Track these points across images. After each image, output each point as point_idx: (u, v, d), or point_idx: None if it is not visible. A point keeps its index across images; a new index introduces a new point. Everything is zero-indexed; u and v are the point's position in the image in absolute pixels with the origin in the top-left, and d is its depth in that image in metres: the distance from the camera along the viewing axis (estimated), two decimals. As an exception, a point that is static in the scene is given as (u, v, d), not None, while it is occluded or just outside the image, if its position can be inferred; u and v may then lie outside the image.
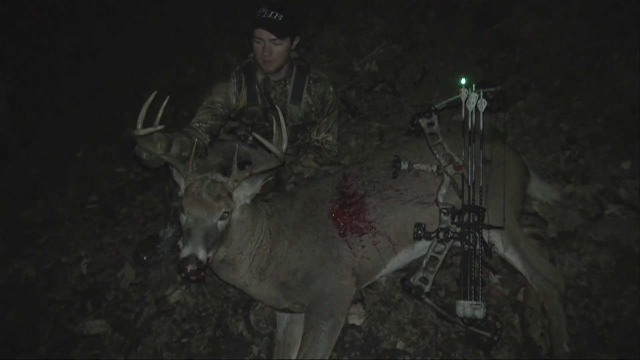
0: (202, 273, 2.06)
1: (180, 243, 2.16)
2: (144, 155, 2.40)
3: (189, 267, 1.98)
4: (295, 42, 2.91)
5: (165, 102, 2.30)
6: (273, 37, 2.72)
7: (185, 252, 2.02)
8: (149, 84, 5.78)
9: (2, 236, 4.03)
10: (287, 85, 3.02)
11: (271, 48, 2.75)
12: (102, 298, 3.17)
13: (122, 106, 5.57)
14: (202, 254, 2.03)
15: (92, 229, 3.86)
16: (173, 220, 3.17)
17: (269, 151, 2.26)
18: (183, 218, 2.18)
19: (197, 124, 2.81)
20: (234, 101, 2.99)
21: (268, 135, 3.00)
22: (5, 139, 5.45)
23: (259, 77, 2.99)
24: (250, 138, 3.22)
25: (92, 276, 3.38)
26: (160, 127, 2.26)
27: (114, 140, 5.14)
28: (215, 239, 2.14)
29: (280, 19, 2.69)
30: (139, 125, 2.23)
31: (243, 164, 3.10)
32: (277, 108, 2.38)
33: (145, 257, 3.22)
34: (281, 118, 2.30)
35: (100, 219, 3.97)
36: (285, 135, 2.29)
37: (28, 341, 3.02)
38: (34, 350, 2.95)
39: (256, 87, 3.00)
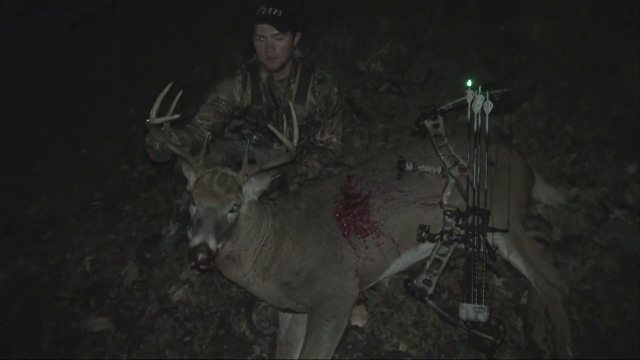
0: (212, 262, 2.07)
1: (189, 233, 2.16)
2: (156, 145, 2.38)
3: (200, 255, 2.00)
4: (296, 39, 2.91)
5: (178, 95, 2.29)
6: (275, 32, 2.73)
7: (196, 240, 2.04)
8: (153, 81, 5.79)
9: (7, 232, 4.06)
10: (292, 85, 3.02)
11: (273, 44, 2.76)
12: (105, 295, 3.18)
13: (127, 103, 5.59)
14: (212, 243, 2.05)
15: (96, 226, 3.88)
16: (176, 218, 3.17)
17: (280, 143, 2.26)
18: (193, 209, 2.18)
19: (200, 121, 2.82)
20: (238, 99, 3.00)
21: (271, 134, 3.00)
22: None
23: (263, 76, 2.99)
24: (255, 137, 3.22)
25: (96, 273, 3.39)
26: (176, 116, 2.24)
27: (118, 137, 5.15)
28: (225, 230, 2.15)
29: (279, 14, 2.71)
30: (153, 114, 2.22)
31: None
32: (291, 104, 2.38)
33: (148, 255, 3.23)
34: (293, 114, 2.31)
35: (104, 216, 3.99)
36: (296, 131, 2.28)
37: (31, 338, 3.04)
38: (37, 347, 2.97)
39: (260, 86, 3.00)
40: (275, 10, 2.71)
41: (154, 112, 2.22)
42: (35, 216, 4.22)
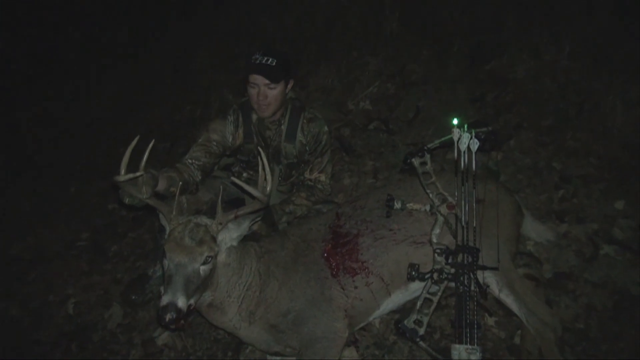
0: (182, 321, 2.01)
1: (162, 289, 2.10)
2: (126, 199, 2.40)
3: (168, 316, 1.94)
4: (289, 86, 2.95)
5: (150, 146, 2.26)
6: (267, 81, 2.75)
7: (165, 300, 1.98)
8: (145, 120, 5.83)
9: (-10, 273, 3.96)
10: (282, 125, 3.04)
11: (266, 92, 2.79)
12: (88, 339, 3.09)
13: (118, 141, 5.58)
14: (181, 302, 1.98)
15: (82, 266, 3.81)
16: (163, 258, 3.11)
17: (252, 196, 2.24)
18: (165, 263, 2.13)
19: (190, 161, 2.82)
20: (230, 139, 3.01)
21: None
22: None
23: (254, 116, 3.01)
24: (244, 175, 3.21)
25: (79, 316, 3.30)
26: (140, 174, 2.22)
27: (108, 175, 5.10)
28: (198, 284, 2.09)
29: (273, 64, 2.74)
30: (122, 171, 2.20)
31: (236, 202, 3.08)
32: (261, 151, 2.36)
33: (134, 297, 3.15)
34: (265, 160, 2.27)
35: (90, 256, 3.92)
36: (269, 177, 2.27)
37: (9, 384, 2.93)
38: (15, 394, 2.85)
39: (252, 126, 3.02)
40: (270, 60, 2.73)
41: (122, 168, 2.20)
42: (19, 256, 4.13)
